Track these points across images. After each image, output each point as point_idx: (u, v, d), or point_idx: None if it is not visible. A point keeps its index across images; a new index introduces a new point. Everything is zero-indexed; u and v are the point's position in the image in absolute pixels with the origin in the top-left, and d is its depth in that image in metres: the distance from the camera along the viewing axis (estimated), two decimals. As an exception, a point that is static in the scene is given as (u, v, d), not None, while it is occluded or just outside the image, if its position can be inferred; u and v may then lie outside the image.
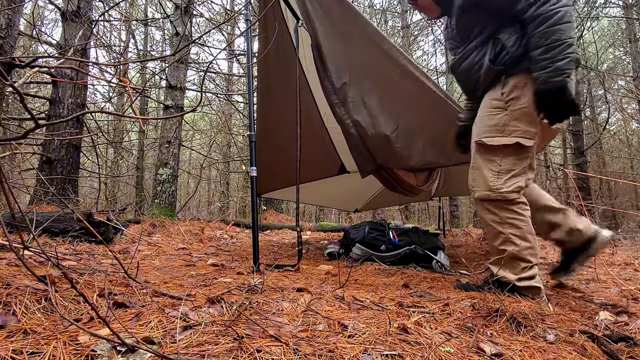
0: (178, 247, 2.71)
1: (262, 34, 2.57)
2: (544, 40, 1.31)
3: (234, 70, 10.97)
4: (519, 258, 1.46)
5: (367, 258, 2.48)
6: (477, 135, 1.54)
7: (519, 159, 1.48)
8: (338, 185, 3.84)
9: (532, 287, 1.44)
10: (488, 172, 1.50)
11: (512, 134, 1.45)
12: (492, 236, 1.52)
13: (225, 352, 0.77)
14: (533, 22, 1.32)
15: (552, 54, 1.30)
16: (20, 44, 6.02)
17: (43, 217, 2.21)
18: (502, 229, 1.47)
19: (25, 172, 4.67)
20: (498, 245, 1.49)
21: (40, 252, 1.13)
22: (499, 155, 1.49)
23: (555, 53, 1.29)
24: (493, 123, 1.49)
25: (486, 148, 1.50)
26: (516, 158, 1.48)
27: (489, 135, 1.49)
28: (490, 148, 1.49)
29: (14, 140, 1.73)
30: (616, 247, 4.09)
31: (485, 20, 1.48)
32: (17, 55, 3.57)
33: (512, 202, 1.47)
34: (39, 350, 0.72)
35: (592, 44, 9.16)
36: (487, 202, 1.50)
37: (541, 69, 1.33)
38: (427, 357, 0.82)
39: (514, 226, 1.47)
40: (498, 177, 1.48)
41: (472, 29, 1.52)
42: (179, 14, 5.01)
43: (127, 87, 2.91)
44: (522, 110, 1.44)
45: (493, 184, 1.48)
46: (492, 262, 1.56)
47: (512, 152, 1.47)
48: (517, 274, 1.45)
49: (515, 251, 1.45)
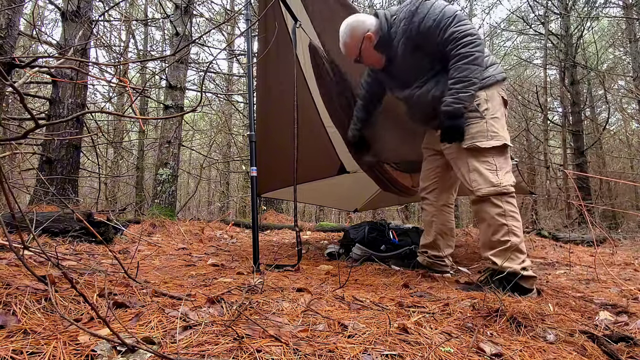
0: (178, 247, 2.71)
1: (262, 34, 2.57)
2: (456, 73, 1.61)
3: (234, 70, 10.96)
4: (519, 250, 1.61)
5: (367, 258, 2.48)
6: (466, 142, 1.71)
7: (505, 157, 1.72)
8: (338, 185, 3.83)
9: (532, 276, 1.60)
10: (486, 171, 1.68)
11: (495, 137, 1.68)
12: (495, 229, 1.64)
13: (225, 352, 0.77)
14: (453, 59, 1.62)
15: (459, 86, 1.60)
16: (20, 44, 6.02)
17: (43, 217, 2.21)
18: (506, 221, 1.62)
19: (25, 172, 4.67)
20: (501, 237, 1.63)
21: (40, 252, 1.13)
22: (490, 156, 1.69)
23: (461, 86, 1.60)
24: (477, 130, 1.69)
25: (479, 151, 1.69)
26: (503, 157, 1.71)
27: (479, 140, 1.69)
28: (482, 151, 1.69)
29: (14, 140, 1.73)
30: (616, 247, 4.10)
31: (432, 59, 1.73)
32: (17, 55, 3.57)
33: (512, 195, 1.66)
34: (39, 350, 0.72)
35: (592, 44, 9.16)
36: (493, 197, 1.65)
37: (449, 95, 1.63)
38: (427, 357, 0.82)
39: (515, 219, 1.63)
40: (496, 174, 1.67)
41: (423, 66, 1.77)
42: (179, 14, 5.00)
43: (127, 87, 2.91)
44: (494, 118, 1.70)
45: (495, 180, 1.66)
46: (494, 255, 1.64)
47: (500, 153, 1.70)
48: (519, 265, 1.59)
49: (517, 242, 1.60)
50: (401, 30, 1.71)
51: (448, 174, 2.02)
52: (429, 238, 2.12)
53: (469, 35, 1.57)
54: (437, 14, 1.60)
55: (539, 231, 5.10)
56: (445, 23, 1.59)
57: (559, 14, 8.24)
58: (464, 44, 1.57)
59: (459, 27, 1.58)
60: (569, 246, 3.87)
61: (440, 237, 2.09)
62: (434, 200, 2.08)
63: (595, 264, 2.56)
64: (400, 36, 1.71)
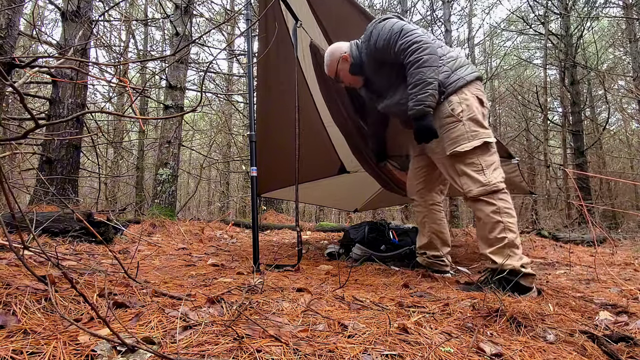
0: (178, 247, 2.71)
1: (262, 34, 2.57)
2: (411, 79, 1.72)
3: (234, 70, 10.96)
4: (516, 245, 1.63)
5: (367, 258, 2.48)
6: (447, 150, 1.78)
7: (491, 154, 1.76)
8: (338, 185, 3.84)
9: (531, 274, 1.60)
10: (474, 173, 1.73)
11: (476, 137, 1.73)
12: (491, 227, 1.67)
13: (225, 352, 0.77)
14: (406, 68, 1.75)
15: (416, 89, 1.71)
16: (20, 44, 6.02)
17: (43, 217, 2.21)
18: (501, 218, 1.65)
19: (25, 172, 4.67)
20: (497, 234, 1.65)
21: (40, 252, 1.13)
22: (475, 157, 1.74)
23: (417, 89, 1.71)
24: (457, 134, 1.76)
25: (464, 154, 1.75)
26: (488, 154, 1.75)
27: (461, 144, 1.74)
28: (466, 153, 1.74)
29: (14, 140, 1.73)
30: (616, 247, 4.10)
31: (397, 70, 1.84)
32: (17, 55, 3.57)
33: (503, 191, 1.70)
34: (39, 350, 0.72)
35: (592, 44, 9.16)
36: (485, 196, 1.69)
37: (409, 100, 1.74)
38: (427, 357, 0.82)
39: (510, 215, 1.67)
40: (484, 173, 1.72)
41: (391, 78, 1.90)
42: (179, 14, 5.00)
43: (127, 87, 2.91)
44: (471, 118, 1.75)
45: (483, 179, 1.71)
46: (492, 252, 1.66)
47: (484, 151, 1.74)
48: (518, 262, 1.60)
49: (513, 238, 1.63)
50: (364, 54, 1.93)
51: (434, 173, 2.08)
52: (424, 239, 2.16)
53: (414, 43, 1.72)
54: (387, 32, 1.78)
55: (539, 231, 5.10)
56: (394, 39, 1.76)
57: (559, 14, 8.24)
58: (411, 51, 1.71)
59: (405, 38, 1.73)
60: (569, 246, 3.87)
61: (435, 237, 2.12)
62: (422, 201, 2.14)
63: (595, 264, 2.56)
64: (365, 58, 1.93)
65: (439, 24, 8.92)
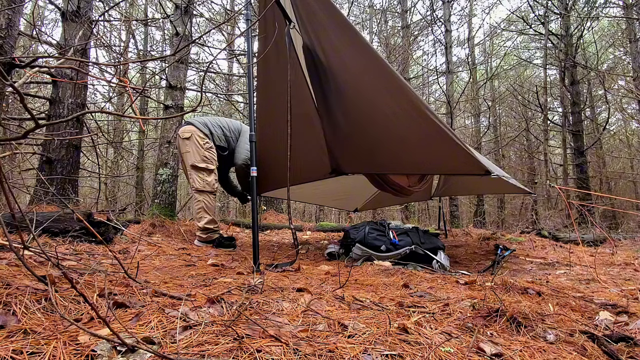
0: (178, 247, 2.71)
1: (262, 34, 2.57)
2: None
3: (234, 70, 10.95)
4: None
5: (367, 258, 2.47)
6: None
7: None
8: (337, 185, 3.83)
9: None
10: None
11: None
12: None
13: (225, 352, 0.77)
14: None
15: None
16: (20, 44, 6.01)
17: (43, 217, 2.21)
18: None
19: (25, 172, 4.66)
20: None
21: (40, 252, 1.13)
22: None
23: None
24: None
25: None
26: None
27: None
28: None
29: (14, 140, 1.72)
30: (616, 247, 4.09)
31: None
32: (17, 55, 3.57)
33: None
34: (39, 350, 0.72)
35: (592, 44, 9.16)
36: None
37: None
38: (427, 357, 0.82)
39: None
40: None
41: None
42: (179, 14, 5.00)
43: (127, 87, 2.90)
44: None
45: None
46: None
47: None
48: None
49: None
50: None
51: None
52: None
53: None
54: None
55: (539, 231, 5.10)
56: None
57: (559, 14, 8.24)
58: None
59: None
60: (569, 246, 3.87)
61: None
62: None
63: (595, 264, 2.56)
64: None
65: (439, 24, 8.93)
